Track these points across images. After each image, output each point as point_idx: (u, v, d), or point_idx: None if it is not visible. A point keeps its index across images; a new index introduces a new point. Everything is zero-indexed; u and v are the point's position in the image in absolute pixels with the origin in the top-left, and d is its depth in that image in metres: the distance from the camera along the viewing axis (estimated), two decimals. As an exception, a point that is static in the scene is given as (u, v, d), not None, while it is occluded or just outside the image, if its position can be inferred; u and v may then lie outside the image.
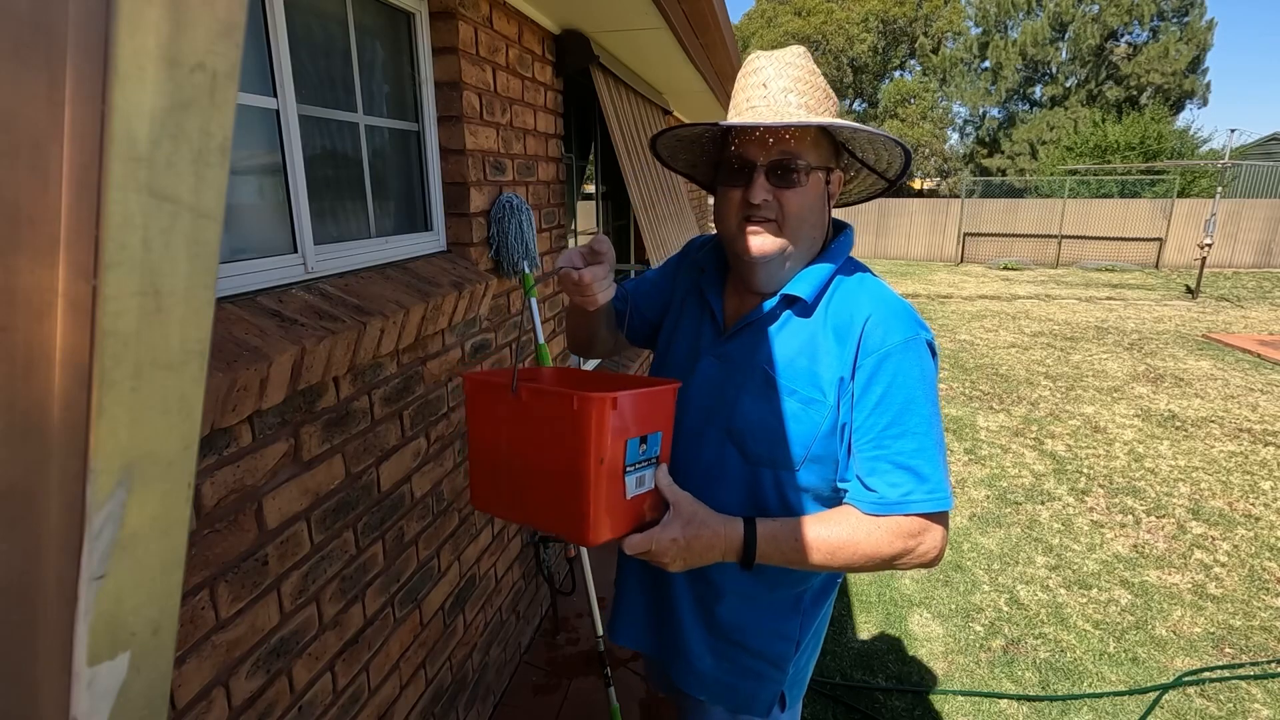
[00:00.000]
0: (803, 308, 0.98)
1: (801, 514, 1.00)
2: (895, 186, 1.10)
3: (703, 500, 1.00)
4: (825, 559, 0.92)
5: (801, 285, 0.98)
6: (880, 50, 27.25)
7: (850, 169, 1.09)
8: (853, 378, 0.93)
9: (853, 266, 1.02)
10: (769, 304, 1.00)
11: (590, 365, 3.75)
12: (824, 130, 0.96)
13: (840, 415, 0.94)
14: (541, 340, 2.02)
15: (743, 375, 1.01)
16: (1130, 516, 3.56)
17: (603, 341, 1.24)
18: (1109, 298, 10.76)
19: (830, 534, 0.92)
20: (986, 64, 25.71)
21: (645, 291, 1.25)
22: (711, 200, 1.34)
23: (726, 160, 0.99)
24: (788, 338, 0.99)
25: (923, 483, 0.90)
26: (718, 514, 0.95)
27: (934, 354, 0.96)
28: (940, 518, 0.93)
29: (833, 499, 1.00)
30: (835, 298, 0.98)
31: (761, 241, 0.96)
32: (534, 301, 2.02)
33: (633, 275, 4.32)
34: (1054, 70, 24.45)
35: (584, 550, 2.05)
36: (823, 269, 0.99)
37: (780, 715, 1.11)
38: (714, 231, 1.10)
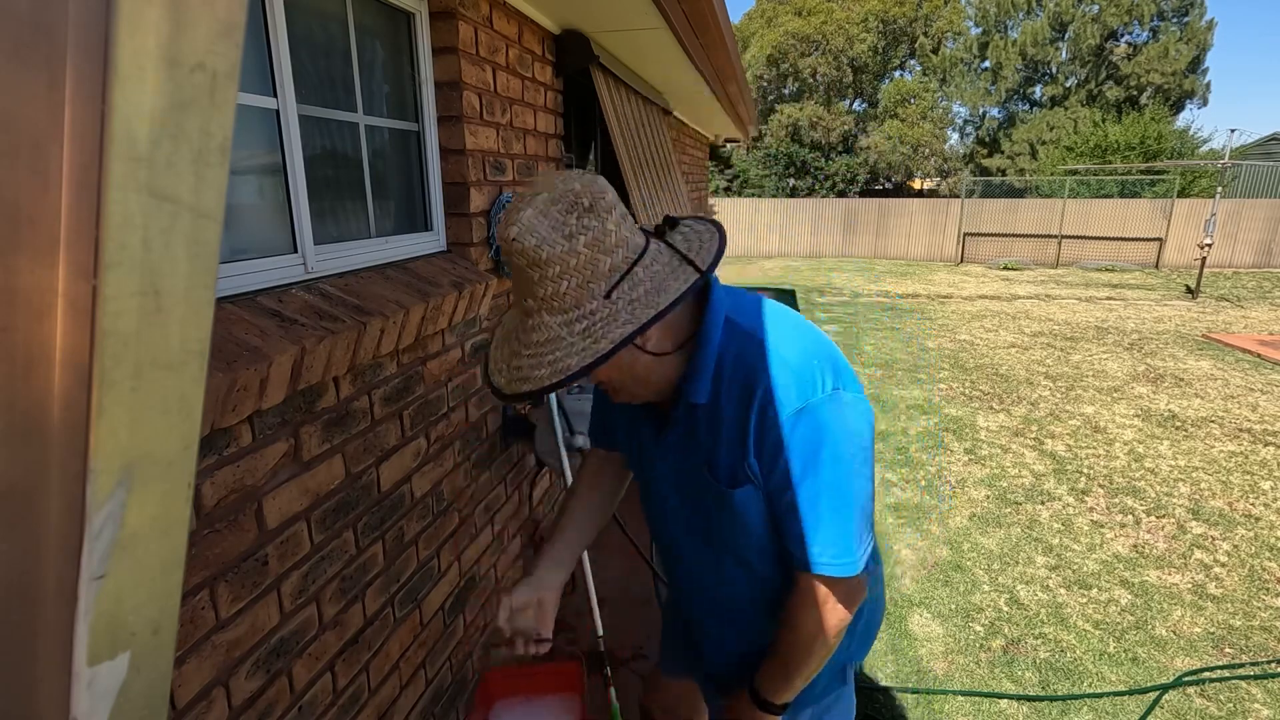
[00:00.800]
0: (701, 411, 0.94)
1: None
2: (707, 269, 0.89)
3: (720, 594, 1.07)
4: (811, 663, 0.97)
5: (692, 389, 0.92)
6: (880, 50, 27.23)
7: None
8: (759, 455, 0.90)
9: (737, 331, 0.92)
10: (677, 413, 0.96)
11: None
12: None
13: (765, 488, 0.93)
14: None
15: (688, 479, 1.00)
16: (1130, 516, 3.56)
17: (617, 494, 1.27)
18: (1109, 298, 10.76)
19: (786, 652, 0.98)
20: (986, 64, 25.70)
21: (610, 423, 1.19)
22: (711, 200, 1.36)
23: None
24: (705, 435, 0.95)
25: (826, 548, 0.90)
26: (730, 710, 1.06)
27: (851, 406, 0.90)
28: (843, 584, 0.92)
29: None
30: (729, 378, 0.91)
31: (615, 396, 0.96)
32: None
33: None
34: (1054, 70, 24.44)
35: (584, 551, 2.04)
36: (703, 362, 0.91)
37: (843, 688, 1.15)
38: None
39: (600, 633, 2.01)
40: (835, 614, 0.93)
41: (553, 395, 2.02)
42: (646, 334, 0.87)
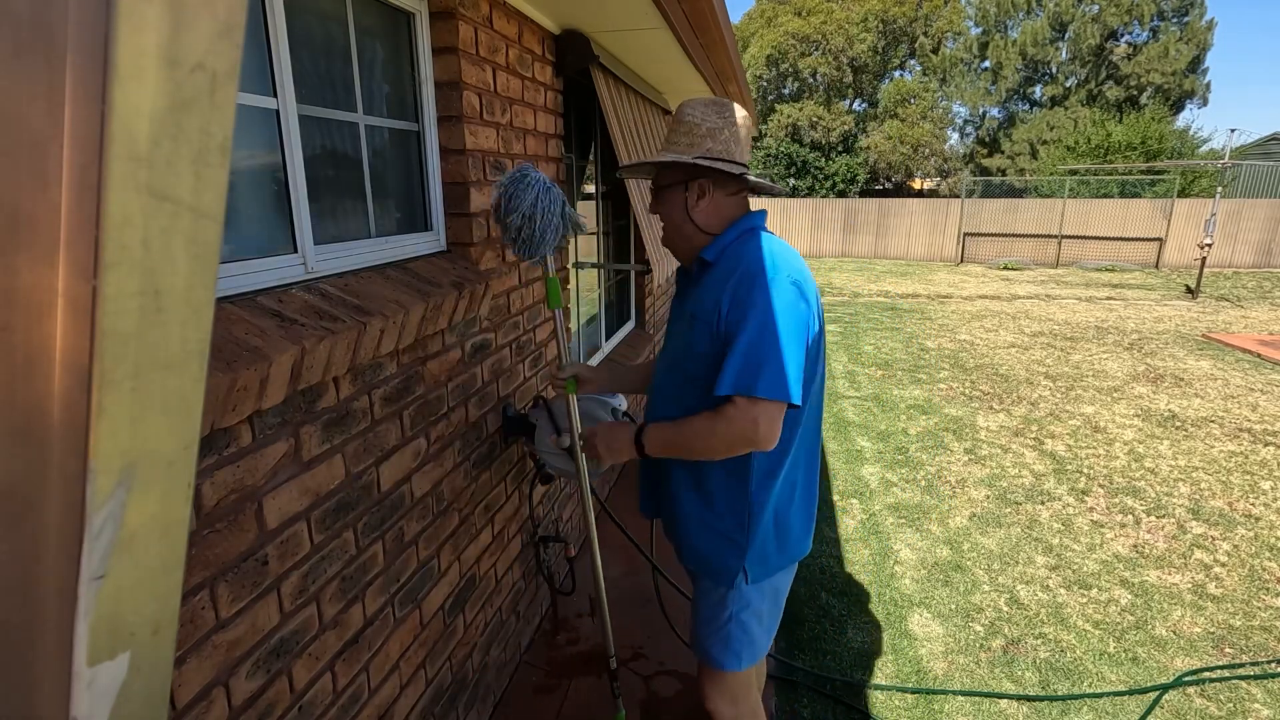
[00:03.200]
0: (708, 265, 1.41)
1: (705, 398, 1.35)
2: (758, 187, 1.48)
3: (662, 411, 1.46)
4: (686, 441, 1.34)
5: (709, 252, 1.41)
6: (880, 50, 27.20)
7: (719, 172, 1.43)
8: (727, 301, 1.30)
9: (748, 238, 1.40)
10: (691, 275, 1.48)
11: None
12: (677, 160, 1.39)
13: (719, 327, 1.31)
14: (566, 361, 1.77)
15: (679, 323, 1.46)
16: (1130, 516, 3.56)
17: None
18: (1109, 298, 10.76)
19: (683, 425, 1.34)
20: (986, 64, 25.69)
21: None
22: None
23: None
24: (702, 284, 1.40)
25: (731, 372, 1.24)
26: (626, 423, 1.50)
27: (799, 290, 1.29)
28: (750, 405, 1.23)
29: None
30: (730, 256, 1.38)
31: (665, 239, 1.49)
32: (559, 314, 1.76)
33: (633, 276, 4.28)
34: (1054, 70, 24.43)
35: (597, 555, 1.96)
36: (722, 240, 1.41)
37: (745, 587, 1.46)
38: None
39: (613, 652, 1.99)
40: (741, 434, 1.25)
41: (544, 400, 2.01)
42: (695, 195, 1.40)
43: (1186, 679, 2.35)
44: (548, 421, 2.02)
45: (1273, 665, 2.42)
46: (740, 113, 1.41)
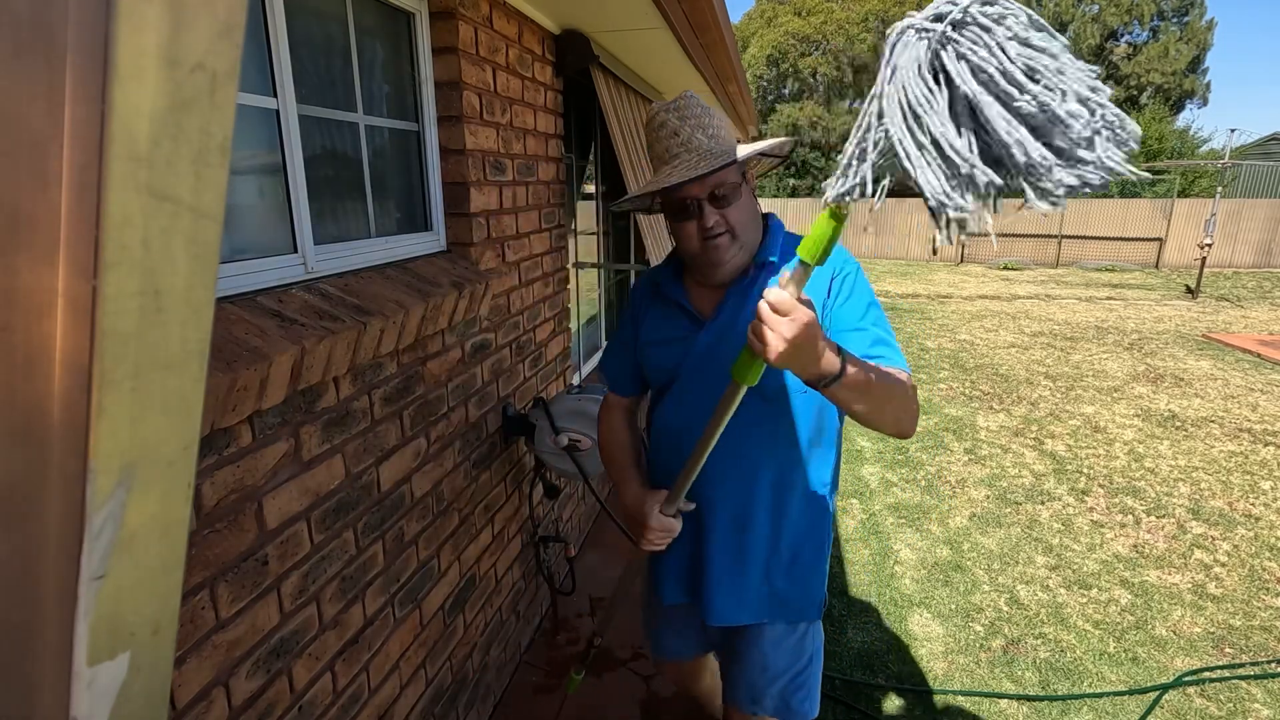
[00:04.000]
0: (772, 267, 1.25)
1: (803, 413, 1.25)
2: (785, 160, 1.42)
3: (738, 440, 1.25)
4: (887, 391, 1.05)
5: (768, 253, 1.26)
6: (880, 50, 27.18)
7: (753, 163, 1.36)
8: (830, 295, 1.20)
9: (788, 235, 1.32)
10: (737, 287, 1.25)
11: (589, 368, 3.75)
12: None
13: (825, 317, 1.19)
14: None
15: (738, 336, 1.20)
16: (1130, 516, 3.56)
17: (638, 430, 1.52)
18: (1109, 298, 10.76)
19: (886, 373, 1.07)
20: (986, 64, 25.67)
21: (629, 361, 1.43)
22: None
23: (674, 201, 1.20)
24: (761, 288, 1.23)
25: (897, 358, 1.15)
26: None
27: None
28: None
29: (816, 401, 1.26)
30: (791, 252, 1.24)
31: (723, 250, 1.21)
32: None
33: (633, 276, 4.29)
34: (1054, 70, 24.41)
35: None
36: (775, 237, 1.28)
37: (818, 620, 1.40)
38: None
39: (603, 633, 1.98)
40: (910, 383, 1.12)
41: (543, 401, 2.01)
42: (751, 183, 1.28)
43: (1186, 679, 2.35)
44: (548, 422, 2.02)
45: (1273, 665, 2.42)
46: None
